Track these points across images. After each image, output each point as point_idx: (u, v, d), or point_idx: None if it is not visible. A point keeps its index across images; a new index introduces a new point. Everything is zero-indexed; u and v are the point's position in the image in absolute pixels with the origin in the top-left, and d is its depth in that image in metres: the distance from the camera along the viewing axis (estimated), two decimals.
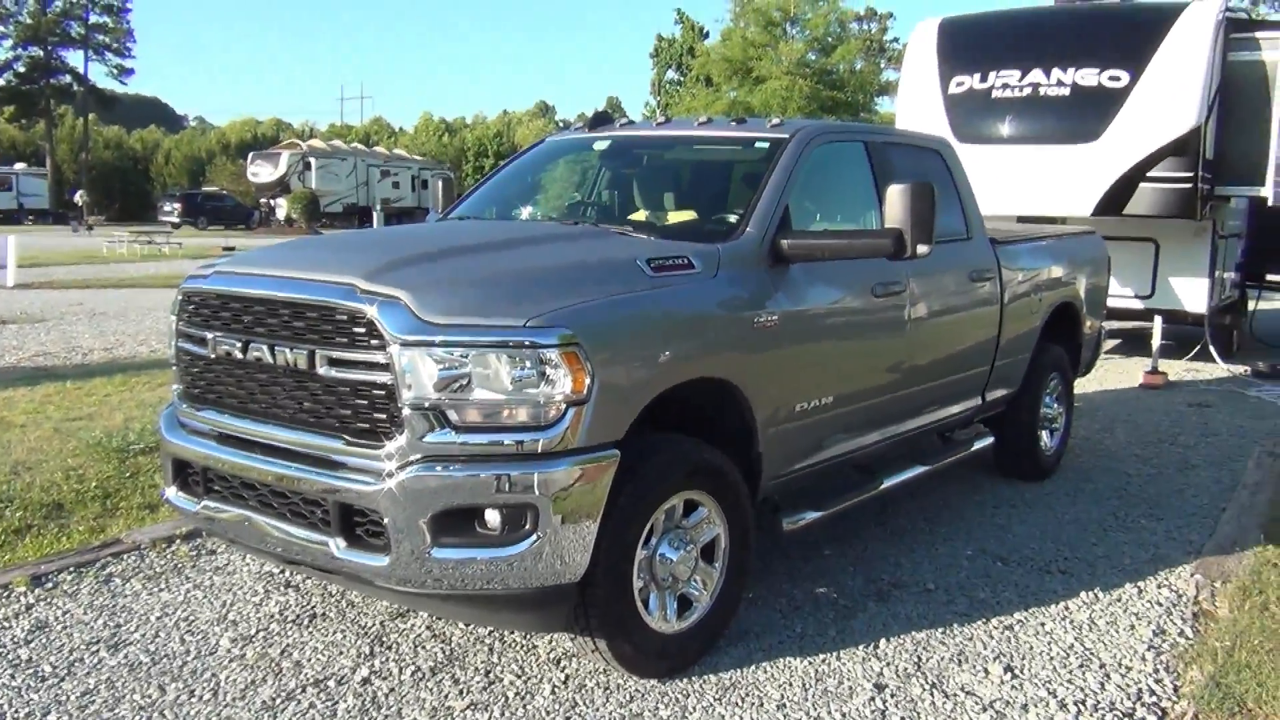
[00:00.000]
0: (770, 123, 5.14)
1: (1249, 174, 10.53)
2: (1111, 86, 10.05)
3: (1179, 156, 9.79)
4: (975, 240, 6.04)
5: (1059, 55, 10.39)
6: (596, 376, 3.51)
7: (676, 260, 4.10)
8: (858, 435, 5.09)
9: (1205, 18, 10.05)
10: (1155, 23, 10.25)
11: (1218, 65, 10.11)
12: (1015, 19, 11.49)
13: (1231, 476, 7.14)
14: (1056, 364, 7.00)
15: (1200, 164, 9.84)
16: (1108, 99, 10.03)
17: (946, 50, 11.07)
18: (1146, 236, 10.95)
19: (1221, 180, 10.46)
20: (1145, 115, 9.88)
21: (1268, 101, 10.40)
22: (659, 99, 53.49)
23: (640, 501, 3.76)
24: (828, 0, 27.05)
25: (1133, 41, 10.23)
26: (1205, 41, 9.91)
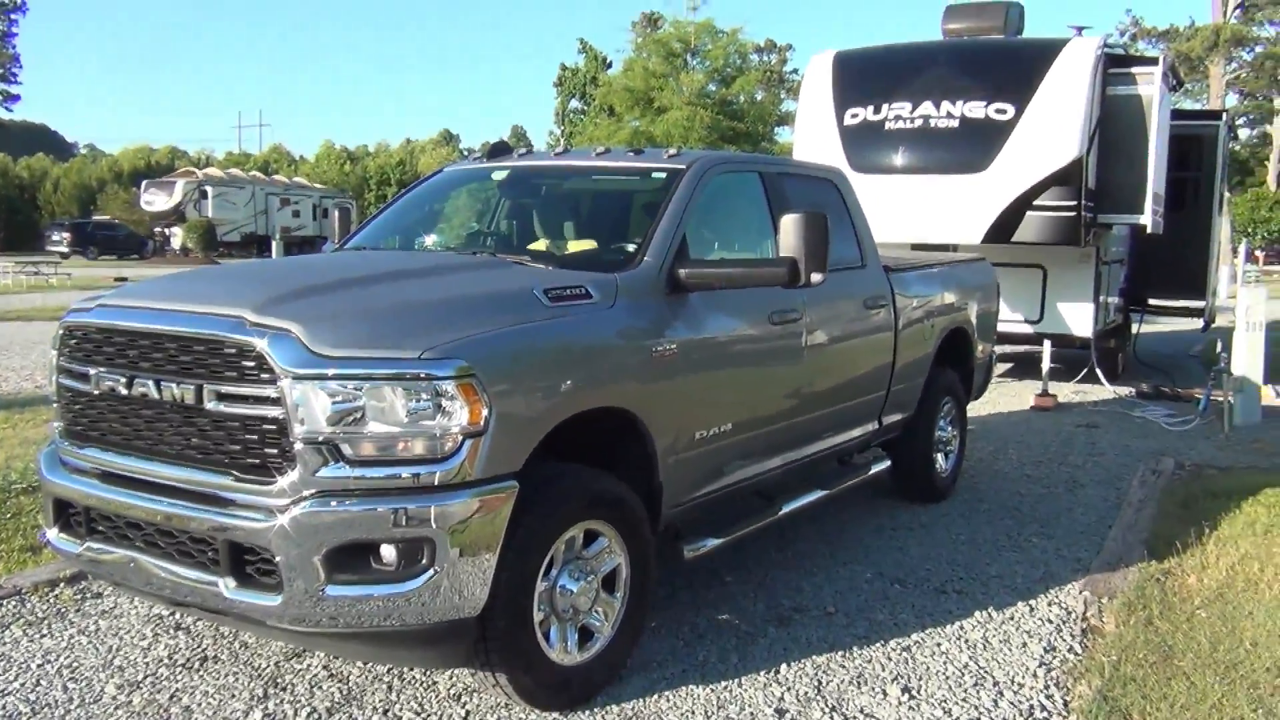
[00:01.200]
0: (667, 153, 5.19)
1: (1129, 203, 10.97)
2: (998, 119, 10.39)
3: (1063, 186, 10.15)
4: (869, 268, 6.16)
5: (948, 88, 10.71)
6: (493, 408, 3.49)
7: (574, 290, 4.11)
8: (757, 462, 5.14)
9: (1085, 53, 10.46)
10: (1038, 58, 10.64)
11: (1097, 99, 10.52)
12: (907, 52, 11.80)
13: (1117, 494, 7.38)
14: (950, 388, 7.18)
15: (1083, 193, 10.21)
16: (995, 131, 10.36)
17: (841, 82, 11.32)
18: (1034, 263, 11.32)
19: (1103, 209, 10.87)
20: (1030, 146, 10.23)
21: (1144, 134, 10.86)
22: (563, 128, 53.63)
23: (540, 533, 3.74)
24: (727, 32, 27.48)
25: (1017, 76, 10.60)
26: (1085, 76, 10.32)
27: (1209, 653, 4.53)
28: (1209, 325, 14.99)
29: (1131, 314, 13.99)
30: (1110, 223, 11.30)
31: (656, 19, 33.89)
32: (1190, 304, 14.41)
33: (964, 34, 11.89)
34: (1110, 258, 12.14)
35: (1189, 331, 16.54)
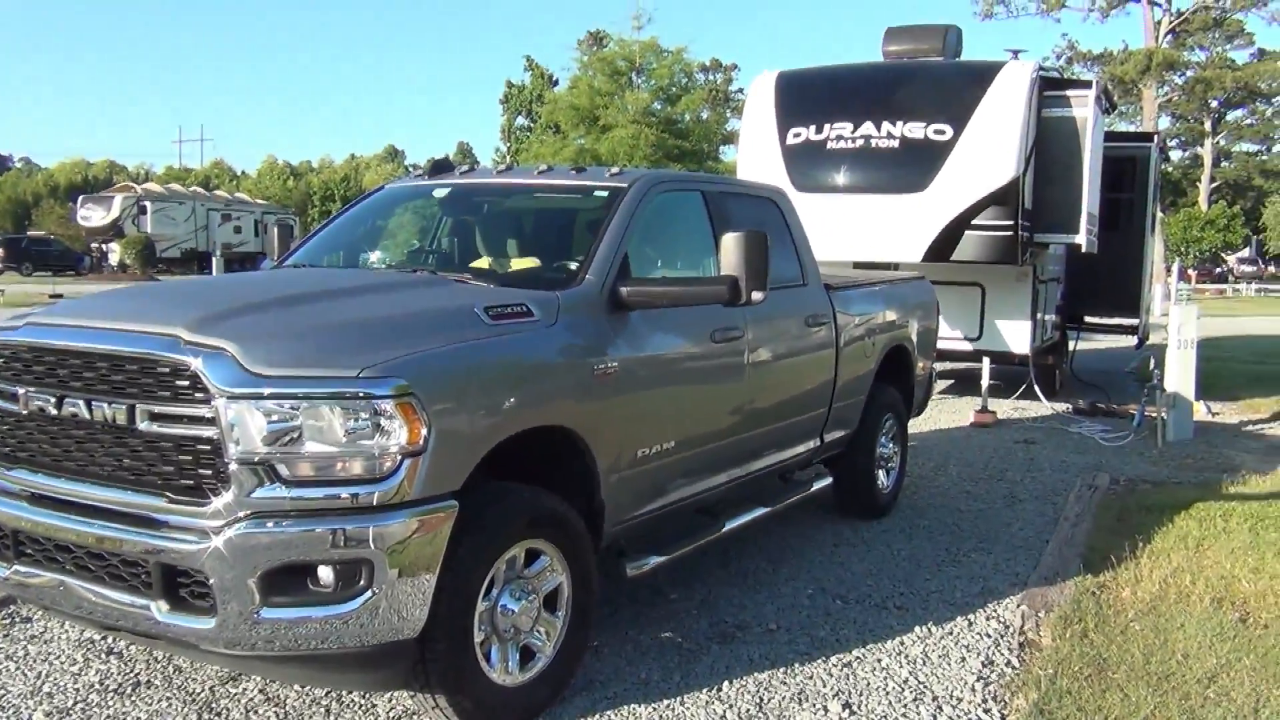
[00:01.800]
0: (610, 172, 5.21)
1: (1064, 222, 11.19)
2: (937, 139, 10.55)
3: (1000, 206, 10.33)
4: (810, 286, 6.22)
5: (889, 109, 10.86)
6: (433, 427, 3.46)
7: (515, 308, 4.10)
8: (700, 479, 5.15)
9: (1021, 76, 10.67)
10: (976, 80, 10.84)
11: (1033, 121, 10.73)
12: (848, 73, 11.96)
13: (1054, 509, 7.50)
14: (891, 405, 7.25)
15: (1020, 213, 10.39)
16: (934, 151, 10.52)
17: (784, 102, 11.44)
18: (973, 281, 11.49)
19: (1040, 228, 11.07)
20: (968, 167, 10.40)
21: (1079, 155, 11.09)
22: (509, 145, 53.61)
23: (480, 552, 3.72)
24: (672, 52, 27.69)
25: (955, 97, 10.78)
26: (1021, 98, 10.52)
27: (1142, 664, 4.61)
28: (1143, 343, 15.31)
29: (1068, 331, 14.24)
30: (1046, 242, 11.52)
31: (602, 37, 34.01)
32: (1125, 322, 14.73)
33: (903, 56, 12.07)
34: (1047, 276, 12.36)
35: (1124, 349, 16.87)
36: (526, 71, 54.48)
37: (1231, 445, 10.20)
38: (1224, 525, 6.78)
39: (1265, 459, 9.45)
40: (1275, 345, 20.32)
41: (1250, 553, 6.17)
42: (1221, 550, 6.22)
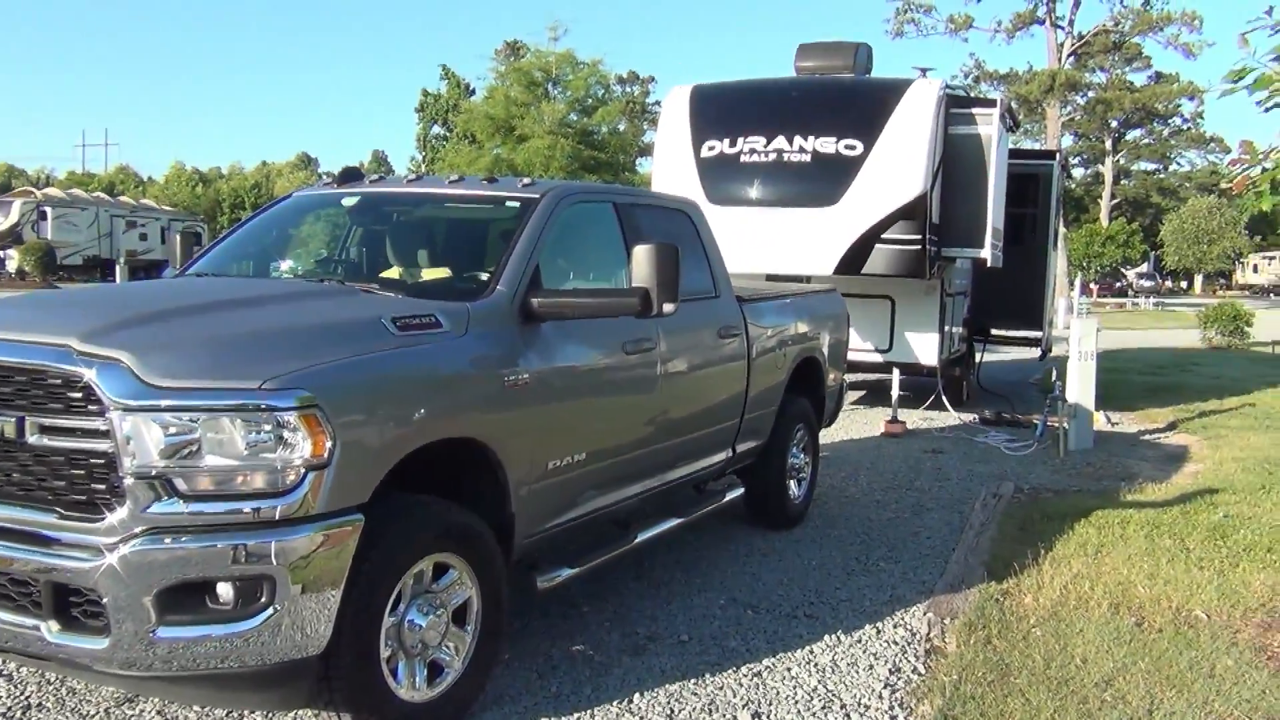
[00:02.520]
0: (521, 182, 5.19)
1: (970, 237, 11.46)
2: (848, 155, 10.73)
3: (909, 220, 10.54)
4: (723, 298, 6.26)
5: (801, 124, 11.02)
6: (338, 439, 3.40)
7: (423, 319, 4.05)
8: (612, 490, 5.15)
9: (928, 94, 10.91)
10: (884, 97, 11.05)
11: (940, 137, 10.98)
12: (761, 88, 12.10)
13: (961, 518, 7.65)
14: (802, 416, 7.33)
15: (927, 227, 10.62)
16: (845, 166, 10.70)
17: (698, 115, 11.53)
18: (884, 294, 11.69)
19: (947, 243, 11.32)
20: (878, 182, 10.60)
21: (984, 172, 11.37)
22: (424, 154, 53.14)
23: (387, 567, 3.66)
24: (588, 63, 27.73)
25: (865, 113, 10.98)
26: (929, 115, 10.75)
27: (1043, 670, 4.71)
28: (1046, 354, 15.74)
29: (975, 343, 14.57)
30: (953, 256, 11.78)
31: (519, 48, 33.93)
32: (1028, 334, 15.14)
33: (815, 72, 12.25)
34: (954, 290, 12.64)
35: (1029, 360, 17.31)
36: (443, 80, 54.11)
37: (1129, 454, 10.51)
38: (1122, 532, 6.97)
39: (1161, 467, 9.76)
40: (1171, 357, 21.02)
41: (1146, 559, 6.36)
42: (1119, 556, 6.40)
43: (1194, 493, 8.29)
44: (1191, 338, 25.08)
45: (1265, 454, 10.06)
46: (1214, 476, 9.11)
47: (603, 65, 28.90)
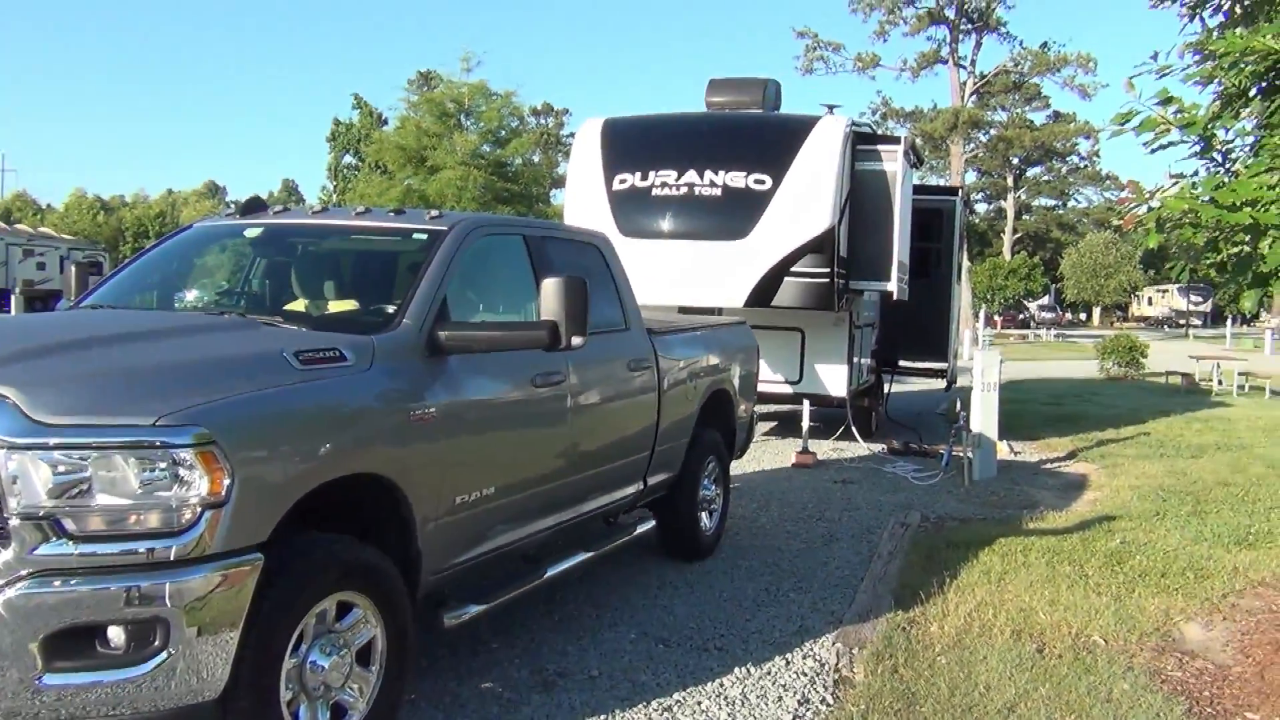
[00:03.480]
0: (429, 214, 5.15)
1: (876, 270, 11.70)
2: (757, 189, 10.89)
3: (817, 254, 10.72)
4: (633, 331, 6.28)
5: (712, 158, 11.16)
6: (236, 476, 3.32)
7: (327, 352, 3.99)
8: (522, 525, 5.10)
9: (835, 130, 11.15)
10: (793, 133, 11.26)
11: (847, 173, 11.22)
12: (673, 122, 12.24)
13: (869, 547, 7.74)
14: (713, 448, 7.36)
15: (835, 261, 10.81)
16: (754, 200, 10.85)
17: (610, 149, 11.60)
18: (794, 326, 11.85)
19: (854, 276, 11.54)
20: (787, 216, 10.77)
21: (889, 207, 11.64)
22: (335, 183, 52.54)
23: (287, 607, 3.57)
24: (501, 95, 27.77)
25: (774, 149, 11.16)
26: (835, 151, 10.98)
27: (948, 697, 4.78)
28: (951, 385, 16.08)
29: (883, 374, 14.83)
30: (861, 289, 12.00)
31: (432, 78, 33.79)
32: (934, 365, 15.46)
33: (726, 107, 12.44)
34: (862, 322, 12.86)
35: (935, 391, 17.67)
36: (355, 109, 53.62)
37: (1031, 483, 10.77)
38: (1024, 559, 7.13)
39: (1061, 495, 10.02)
40: (1071, 387, 21.64)
41: (1047, 585, 6.51)
42: (1021, 583, 6.54)
43: (1092, 520, 8.52)
44: (1090, 368, 25.87)
45: (1159, 482, 10.39)
46: (1111, 504, 9.38)
47: (516, 97, 29.01)
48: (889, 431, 13.84)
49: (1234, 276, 4.97)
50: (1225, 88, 5.63)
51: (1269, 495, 9.79)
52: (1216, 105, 5.66)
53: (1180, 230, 4.95)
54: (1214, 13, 6.03)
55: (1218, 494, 9.83)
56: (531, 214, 27.89)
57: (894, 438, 13.04)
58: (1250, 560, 7.27)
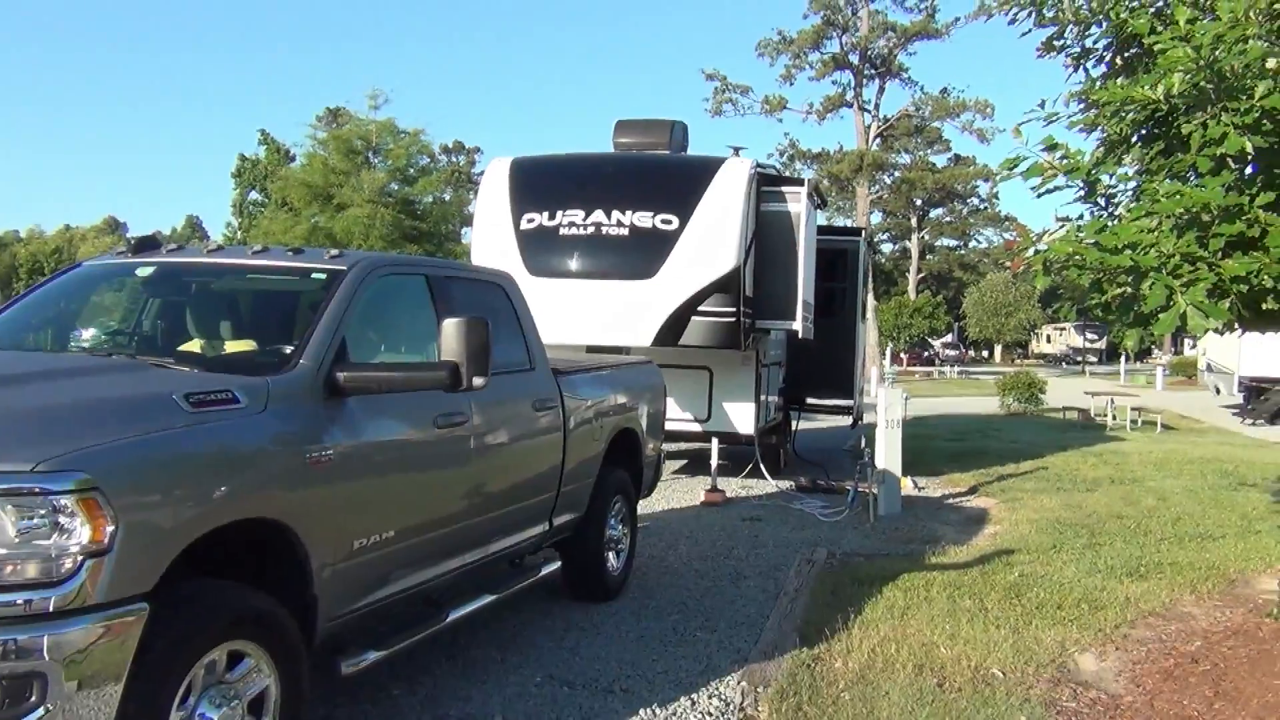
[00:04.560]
0: (329, 254, 5.09)
1: (782, 310, 11.86)
2: (664, 229, 11.00)
3: (723, 293, 10.85)
4: (538, 371, 6.26)
5: (619, 198, 11.24)
6: (120, 524, 3.21)
7: (219, 395, 3.90)
8: (423, 568, 5.03)
9: (740, 172, 11.33)
10: (698, 174, 11.42)
11: (752, 214, 11.39)
12: (580, 163, 12.31)
13: (776, 585, 7.78)
14: (620, 487, 7.35)
15: (741, 300, 10.94)
16: (661, 240, 10.96)
17: (518, 188, 11.62)
18: (702, 365, 11.94)
19: (761, 315, 11.68)
20: (693, 256, 10.89)
21: (794, 247, 11.84)
22: (240, 220, 51.64)
23: (175, 658, 3.46)
24: (409, 133, 27.66)
25: (680, 189, 11.30)
26: (741, 192, 11.15)
27: None
28: (857, 422, 16.32)
29: (791, 412, 15.00)
30: (767, 328, 12.15)
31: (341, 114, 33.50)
32: (840, 402, 15.69)
33: (633, 148, 12.57)
34: (769, 360, 13.01)
35: (842, 428, 17.90)
36: (261, 145, 52.85)
37: (935, 518, 10.96)
38: (926, 594, 7.24)
39: (963, 530, 10.21)
40: (973, 423, 22.13)
41: (948, 619, 6.61)
42: (923, 618, 6.64)
43: (992, 553, 8.70)
44: (991, 405, 26.49)
45: (1056, 515, 10.67)
46: (1011, 537, 9.59)
47: (425, 135, 28.90)
48: (797, 468, 13.98)
49: (1118, 317, 5.16)
50: (1108, 135, 5.88)
51: (1160, 527, 10.12)
52: (1100, 151, 5.90)
53: (1067, 272, 5.12)
54: (1096, 63, 6.28)
55: (1112, 526, 10.12)
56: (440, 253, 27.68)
57: (802, 475, 13.17)
58: (1142, 591, 7.49)
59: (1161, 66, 5.10)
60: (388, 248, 25.15)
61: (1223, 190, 4.71)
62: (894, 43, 47.98)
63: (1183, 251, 4.57)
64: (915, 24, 47.23)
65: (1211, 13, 5.26)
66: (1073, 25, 6.01)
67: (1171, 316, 4.41)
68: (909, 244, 73.60)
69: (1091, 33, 6.08)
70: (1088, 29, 6.03)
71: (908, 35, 47.55)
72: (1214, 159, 4.91)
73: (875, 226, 66.74)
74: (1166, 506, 11.33)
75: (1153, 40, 5.21)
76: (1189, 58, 4.86)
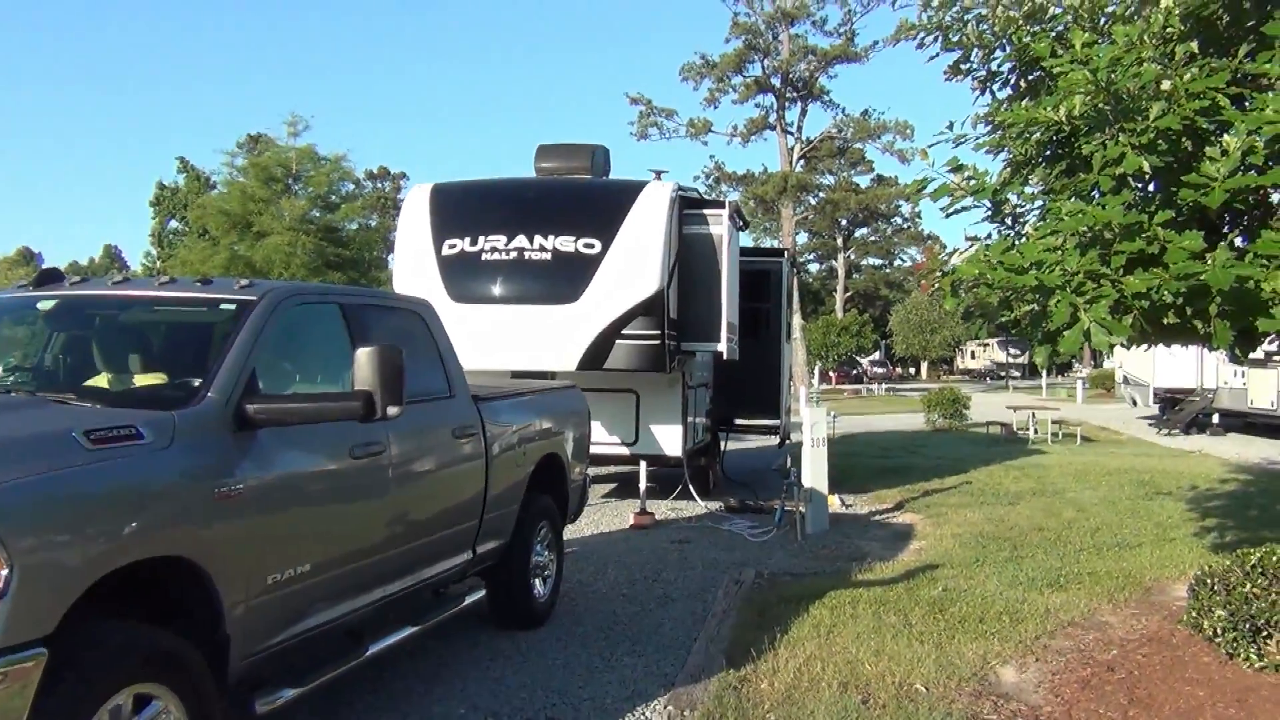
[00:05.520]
0: (238, 284, 5.00)
1: (707, 332, 11.93)
2: (587, 253, 11.01)
3: (647, 316, 10.88)
4: (458, 398, 6.21)
5: (541, 223, 11.24)
6: (15, 567, 3.11)
7: (121, 430, 3.79)
8: (342, 601, 4.94)
9: (662, 195, 11.39)
10: (620, 198, 11.46)
11: (675, 236, 11.45)
12: (502, 187, 12.29)
13: (704, 607, 7.78)
14: (545, 513, 7.31)
15: (665, 323, 10.98)
16: (584, 264, 10.97)
17: (439, 214, 11.56)
18: (628, 388, 11.94)
19: (685, 337, 11.73)
20: (616, 279, 10.92)
21: (717, 269, 11.92)
22: (159, 250, 50.67)
23: (77, 703, 3.35)
24: (330, 159, 27.39)
25: (603, 213, 11.33)
26: (662, 215, 11.21)
27: None
28: (784, 441, 16.43)
29: (719, 433, 15.06)
30: (692, 350, 12.20)
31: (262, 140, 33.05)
32: (768, 422, 15.81)
33: (554, 173, 12.58)
34: (696, 382, 13.06)
35: (770, 447, 18.01)
36: (181, 173, 52.00)
37: (862, 535, 11.06)
38: (852, 611, 7.29)
39: (889, 546, 10.32)
40: (900, 440, 22.44)
41: (873, 636, 6.67)
42: (849, 635, 6.68)
43: (918, 569, 8.80)
44: (918, 421, 26.89)
45: (979, 529, 10.84)
46: (935, 552, 9.72)
47: (347, 161, 28.66)
48: (726, 489, 14.03)
49: (1028, 334, 5.27)
50: (1014, 155, 6.02)
51: (1079, 538, 10.33)
52: (1007, 172, 6.03)
53: (977, 290, 5.22)
54: (1002, 86, 6.43)
55: (1033, 538, 10.31)
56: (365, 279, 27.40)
57: (731, 495, 13.21)
58: (1061, 601, 7.62)
59: (1062, 89, 5.24)
60: (309, 275, 24.86)
61: (1123, 209, 4.84)
62: (814, 66, 48.62)
63: (1086, 269, 4.68)
64: (835, 48, 47.94)
65: (1109, 36, 5.43)
66: (977, 49, 6.15)
67: (1076, 333, 4.51)
68: (835, 263, 74.60)
69: (996, 56, 6.23)
70: (992, 53, 6.18)
71: (828, 59, 48.24)
72: (1115, 178, 5.06)
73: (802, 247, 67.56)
74: (1086, 517, 11.58)
75: (1052, 63, 5.35)
76: (1087, 80, 5.00)
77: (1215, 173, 4.70)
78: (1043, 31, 5.84)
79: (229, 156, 28.75)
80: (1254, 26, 5.24)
